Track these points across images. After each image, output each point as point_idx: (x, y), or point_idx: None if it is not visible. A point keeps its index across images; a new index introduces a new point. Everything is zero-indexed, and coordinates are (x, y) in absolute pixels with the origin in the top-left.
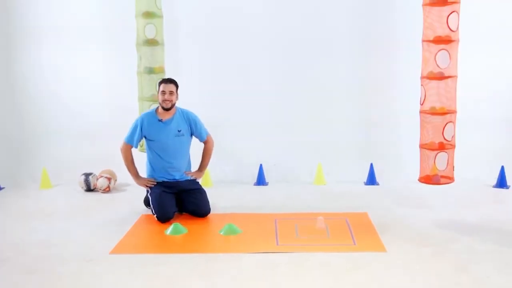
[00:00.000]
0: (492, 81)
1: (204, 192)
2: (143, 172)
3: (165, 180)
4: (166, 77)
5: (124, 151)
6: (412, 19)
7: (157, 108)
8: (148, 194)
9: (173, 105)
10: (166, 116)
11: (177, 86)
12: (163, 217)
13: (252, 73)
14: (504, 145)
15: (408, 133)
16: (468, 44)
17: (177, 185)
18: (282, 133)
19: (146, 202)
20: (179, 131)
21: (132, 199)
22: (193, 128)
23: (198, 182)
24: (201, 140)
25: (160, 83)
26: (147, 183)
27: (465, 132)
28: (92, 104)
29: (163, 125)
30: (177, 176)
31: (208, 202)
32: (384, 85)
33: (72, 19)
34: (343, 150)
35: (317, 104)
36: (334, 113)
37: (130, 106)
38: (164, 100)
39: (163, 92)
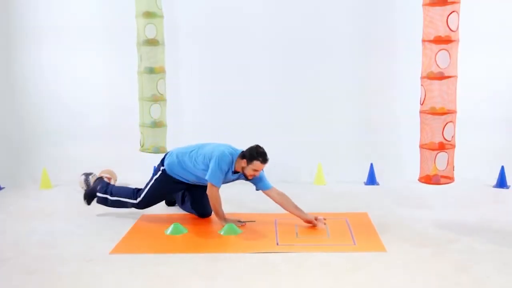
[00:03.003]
0: (492, 81)
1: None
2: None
3: (179, 179)
4: (259, 146)
5: (215, 195)
6: (412, 19)
7: (237, 159)
8: (153, 176)
9: None
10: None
11: None
12: (142, 208)
13: (252, 73)
14: (504, 145)
15: (408, 133)
16: (468, 44)
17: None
18: (282, 133)
19: (88, 197)
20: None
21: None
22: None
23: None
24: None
25: (256, 159)
26: (236, 222)
27: (465, 132)
28: (92, 104)
29: (231, 176)
30: (188, 179)
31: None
32: (384, 85)
33: (72, 19)
34: (343, 150)
35: (317, 104)
36: (334, 113)
37: (130, 106)
38: (251, 175)
39: (255, 171)
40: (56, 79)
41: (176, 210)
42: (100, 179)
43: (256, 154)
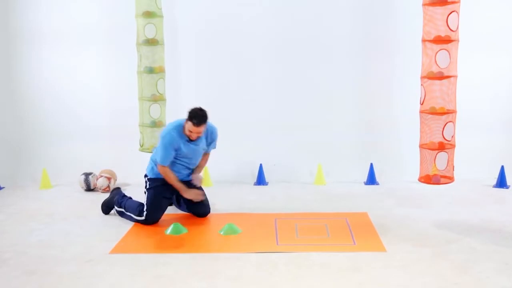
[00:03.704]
0: (492, 81)
1: (204, 193)
2: (143, 168)
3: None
4: (197, 109)
5: (165, 173)
6: (412, 19)
7: (184, 126)
8: (146, 190)
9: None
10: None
11: (206, 124)
12: (151, 221)
13: (252, 73)
14: (504, 145)
15: (408, 133)
16: (468, 44)
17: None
18: (282, 134)
19: (106, 207)
20: (203, 149)
21: (136, 197)
22: (209, 143)
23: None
24: (204, 151)
25: (190, 120)
26: (197, 196)
27: (465, 132)
28: (92, 104)
29: (192, 144)
30: (182, 176)
31: (208, 202)
32: (384, 85)
33: (72, 20)
34: (343, 150)
35: (317, 104)
36: (334, 113)
37: (130, 106)
38: (189, 135)
39: (191, 132)
40: (56, 79)
41: (175, 210)
42: (117, 189)
43: (190, 115)
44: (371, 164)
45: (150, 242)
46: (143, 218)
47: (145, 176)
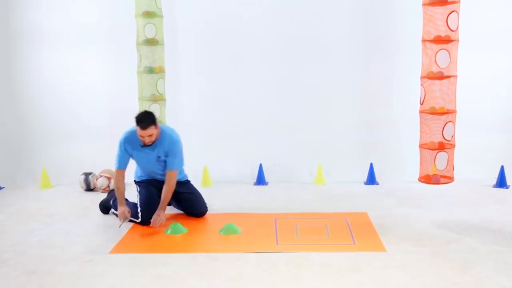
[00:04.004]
0: (492, 81)
1: (198, 192)
2: (132, 173)
3: (156, 179)
4: (141, 113)
5: (116, 177)
6: (412, 19)
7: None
8: (138, 192)
9: (154, 141)
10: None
11: (154, 123)
12: (146, 219)
13: (252, 73)
14: (504, 145)
15: (408, 133)
16: (468, 44)
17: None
18: (282, 134)
19: (103, 207)
20: (158, 157)
21: (132, 199)
22: (166, 155)
23: (189, 184)
24: (166, 168)
25: (136, 124)
26: (125, 215)
27: (465, 132)
28: (92, 104)
29: (145, 150)
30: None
31: (203, 201)
32: (384, 85)
33: (72, 20)
34: (343, 150)
35: (317, 104)
36: (334, 113)
37: (130, 106)
38: (143, 141)
39: (142, 137)
40: (56, 79)
41: (175, 210)
42: (114, 191)
43: (136, 119)
44: (371, 164)
45: (150, 242)
46: (139, 220)
47: (134, 181)
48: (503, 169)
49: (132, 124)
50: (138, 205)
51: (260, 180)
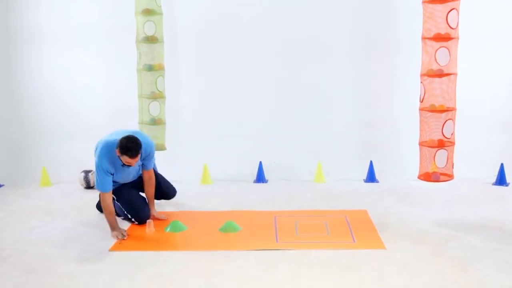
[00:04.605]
0: (492, 79)
1: (161, 176)
2: None
3: (124, 182)
4: (128, 141)
5: (105, 201)
6: (412, 18)
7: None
8: (115, 201)
9: None
10: None
11: (141, 147)
12: (142, 220)
13: (252, 72)
14: (504, 143)
15: (408, 131)
16: (468, 42)
17: (136, 181)
18: (282, 133)
19: (100, 207)
20: (140, 165)
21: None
22: (144, 158)
23: (156, 173)
24: (143, 168)
25: (125, 153)
26: (119, 235)
27: (465, 131)
28: (91, 102)
29: (126, 168)
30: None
31: (170, 183)
32: (383, 83)
33: (72, 18)
34: (343, 150)
35: (317, 104)
36: (334, 113)
37: (130, 105)
38: (129, 164)
39: (128, 162)
40: (55, 78)
41: (175, 208)
42: None
43: (122, 150)
44: (371, 162)
45: (149, 239)
46: (136, 222)
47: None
48: (503, 167)
49: (132, 123)
50: (125, 212)
51: (260, 178)
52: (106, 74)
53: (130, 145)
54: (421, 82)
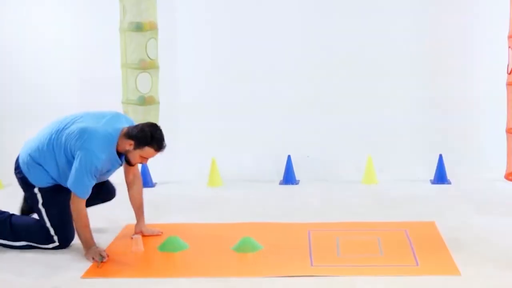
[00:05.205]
0: None
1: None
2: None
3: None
4: (158, 131)
5: (79, 213)
6: None
7: (117, 144)
8: (40, 205)
9: None
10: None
11: None
12: (67, 242)
13: (277, 32)
14: None
15: (491, 113)
16: None
17: None
18: (317, 117)
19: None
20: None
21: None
22: None
23: None
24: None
25: (149, 144)
26: (96, 256)
27: None
28: (57, 73)
29: (116, 164)
30: None
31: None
32: (456, 49)
33: None
34: (401, 138)
35: (365, 77)
36: (389, 89)
37: (109, 76)
38: (136, 163)
39: (144, 158)
40: (4, 40)
41: (173, 220)
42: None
43: (151, 138)
44: (440, 156)
45: (136, 262)
46: (55, 244)
47: (30, 185)
48: None
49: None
50: (50, 225)
51: (288, 177)
52: (77, 33)
53: (161, 134)
54: (509, 47)
